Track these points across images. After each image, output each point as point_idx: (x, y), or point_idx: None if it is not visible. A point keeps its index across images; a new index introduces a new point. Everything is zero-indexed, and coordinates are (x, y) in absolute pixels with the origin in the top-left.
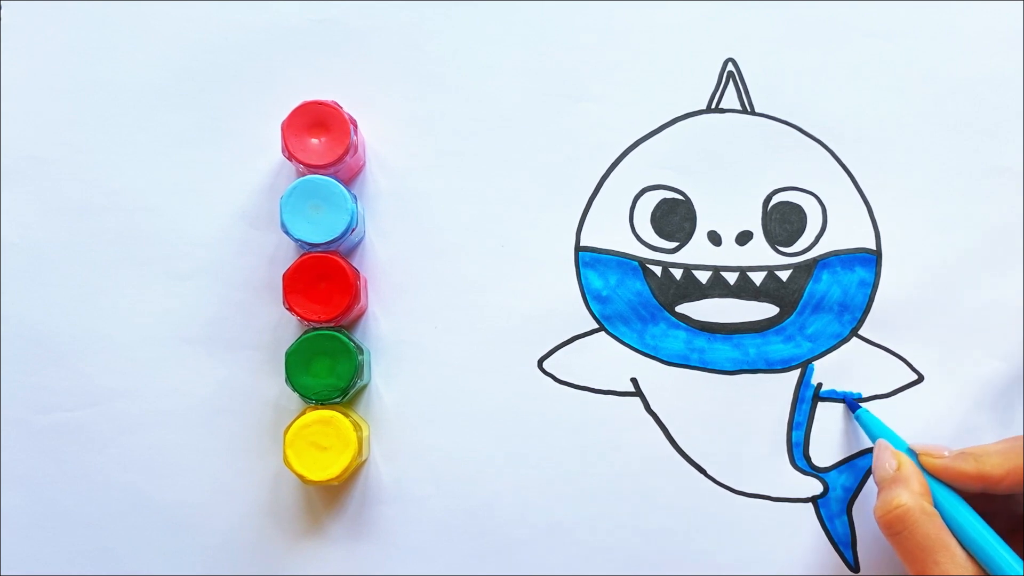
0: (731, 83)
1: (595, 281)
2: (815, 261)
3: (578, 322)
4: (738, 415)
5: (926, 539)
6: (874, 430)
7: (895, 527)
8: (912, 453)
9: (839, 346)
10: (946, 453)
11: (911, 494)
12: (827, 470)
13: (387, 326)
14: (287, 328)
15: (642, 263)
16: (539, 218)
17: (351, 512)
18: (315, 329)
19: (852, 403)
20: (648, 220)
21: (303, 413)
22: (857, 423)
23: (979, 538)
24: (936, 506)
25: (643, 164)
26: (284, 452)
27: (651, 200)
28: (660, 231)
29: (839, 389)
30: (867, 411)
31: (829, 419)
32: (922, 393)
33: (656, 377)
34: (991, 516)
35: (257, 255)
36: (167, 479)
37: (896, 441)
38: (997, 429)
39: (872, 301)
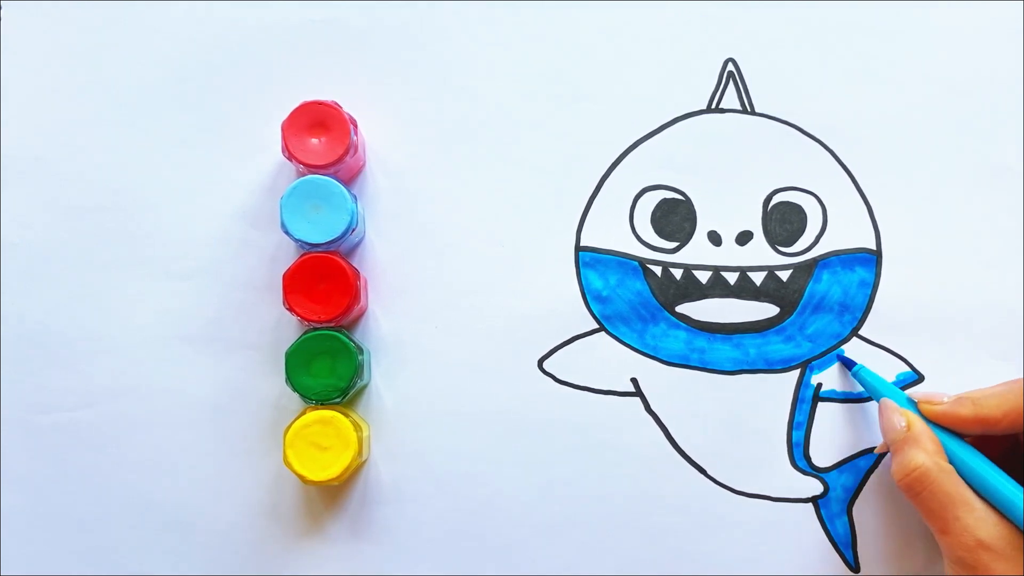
0: (731, 83)
1: (595, 281)
2: (815, 261)
3: (578, 322)
4: (738, 415)
5: (945, 496)
6: (875, 385)
7: (915, 488)
8: (912, 403)
9: (839, 346)
10: (944, 399)
11: (926, 453)
12: (827, 470)
13: (387, 326)
14: (287, 328)
15: (642, 263)
16: (539, 218)
17: (351, 512)
18: (315, 329)
19: (847, 360)
20: (648, 220)
21: (303, 413)
22: (855, 380)
23: (994, 482)
24: (949, 457)
25: (643, 164)
26: (284, 452)
27: (651, 200)
28: (660, 231)
29: (839, 354)
30: (864, 367)
31: (829, 419)
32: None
33: (656, 377)
34: (999, 459)
35: (257, 255)
36: (167, 479)
37: (896, 394)
38: None
39: (872, 301)
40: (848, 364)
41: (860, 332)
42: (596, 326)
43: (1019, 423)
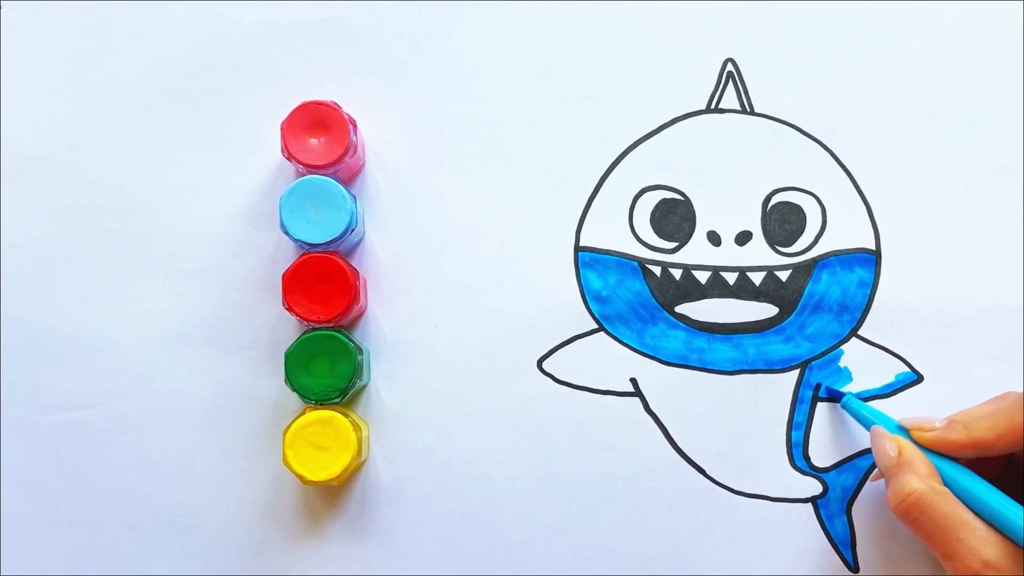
0: (731, 83)
1: (595, 281)
2: (815, 261)
3: (578, 322)
4: (738, 415)
5: (944, 519)
6: (865, 415)
7: (912, 514)
8: (904, 430)
9: (839, 346)
10: (936, 424)
11: (920, 478)
12: (827, 470)
13: (387, 326)
14: (287, 328)
15: (641, 263)
16: (539, 218)
17: (351, 512)
18: (315, 329)
19: (836, 393)
20: (648, 220)
21: (303, 413)
22: (845, 411)
23: (993, 503)
24: (945, 481)
25: (643, 164)
26: (284, 452)
27: (651, 200)
28: (660, 231)
29: (827, 386)
30: (853, 397)
31: (829, 419)
32: (922, 393)
33: (656, 377)
34: (997, 477)
35: (257, 255)
36: (167, 479)
37: (887, 422)
38: None
39: (872, 301)
40: (836, 396)
41: (859, 332)
42: (595, 326)
43: (1014, 444)
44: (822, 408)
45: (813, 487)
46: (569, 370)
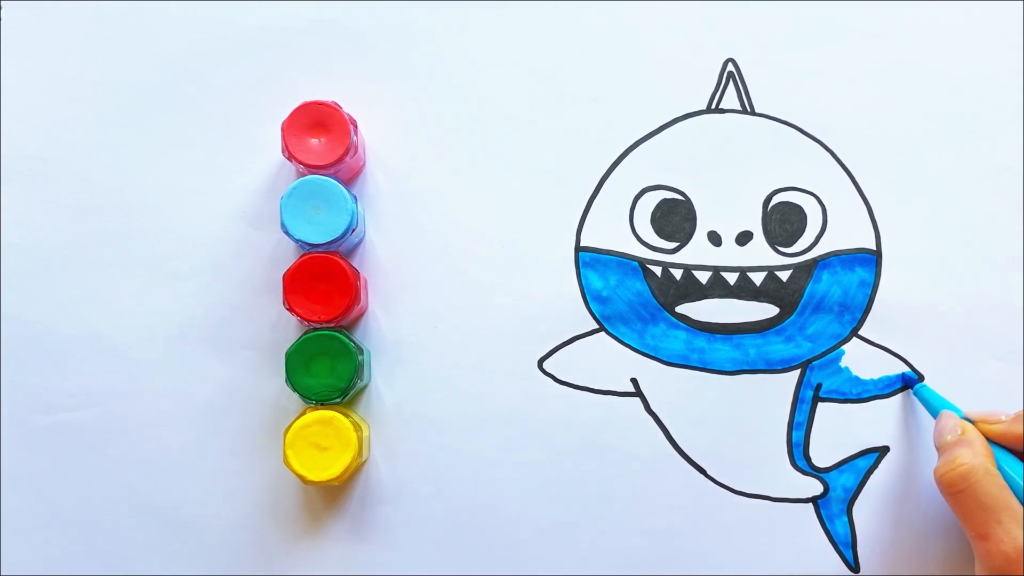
0: (731, 83)
1: (595, 281)
2: (815, 261)
3: (578, 322)
4: (738, 415)
5: (988, 497)
6: (935, 403)
7: (957, 485)
8: (969, 421)
9: (839, 346)
10: (1003, 418)
11: (974, 454)
12: (827, 470)
13: (387, 326)
14: (287, 328)
15: (642, 263)
16: (539, 218)
17: (351, 512)
18: (315, 329)
19: (911, 379)
20: (648, 220)
21: (303, 413)
22: (916, 398)
23: None
24: (1000, 471)
25: (643, 164)
26: (284, 452)
27: (651, 200)
28: (660, 231)
29: (904, 373)
30: (926, 386)
31: (829, 419)
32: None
33: (656, 377)
34: None
35: (257, 255)
36: (167, 479)
37: (956, 411)
38: None
39: (872, 301)
40: (911, 382)
41: (860, 332)
42: (596, 326)
43: None
44: (823, 408)
45: (814, 487)
46: (570, 370)
